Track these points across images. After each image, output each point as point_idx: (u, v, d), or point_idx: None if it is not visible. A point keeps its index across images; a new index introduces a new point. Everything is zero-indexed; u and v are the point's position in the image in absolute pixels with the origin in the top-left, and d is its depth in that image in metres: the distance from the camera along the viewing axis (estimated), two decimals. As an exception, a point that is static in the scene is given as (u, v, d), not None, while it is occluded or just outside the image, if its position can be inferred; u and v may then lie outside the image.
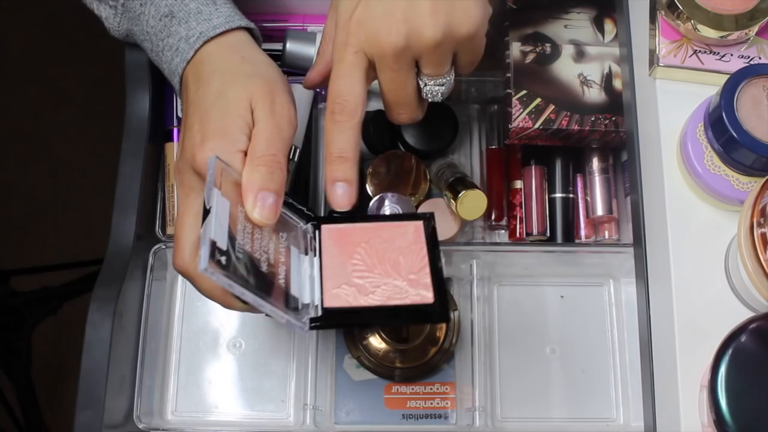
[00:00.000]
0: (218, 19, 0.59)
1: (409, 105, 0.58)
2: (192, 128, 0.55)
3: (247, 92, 0.55)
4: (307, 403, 0.68)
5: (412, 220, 0.58)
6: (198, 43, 0.58)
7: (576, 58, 0.70)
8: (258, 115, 0.54)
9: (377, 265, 0.55)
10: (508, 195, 0.74)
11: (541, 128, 0.68)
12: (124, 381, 0.65)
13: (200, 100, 0.56)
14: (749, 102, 0.55)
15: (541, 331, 0.72)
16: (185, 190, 0.55)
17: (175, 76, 0.60)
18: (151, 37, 0.61)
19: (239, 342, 0.71)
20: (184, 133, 0.56)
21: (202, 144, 0.53)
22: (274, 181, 0.52)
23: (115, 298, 0.61)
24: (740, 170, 0.57)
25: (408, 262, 0.55)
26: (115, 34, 0.64)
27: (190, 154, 0.54)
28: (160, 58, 0.61)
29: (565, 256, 0.72)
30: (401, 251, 0.56)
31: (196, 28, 0.58)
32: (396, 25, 0.53)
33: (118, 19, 0.63)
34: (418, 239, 0.56)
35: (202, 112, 0.55)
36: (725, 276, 0.59)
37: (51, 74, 1.65)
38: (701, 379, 0.55)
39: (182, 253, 0.54)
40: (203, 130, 0.54)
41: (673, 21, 0.61)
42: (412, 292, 0.54)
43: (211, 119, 0.54)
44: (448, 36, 0.53)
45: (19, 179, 1.60)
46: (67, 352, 1.34)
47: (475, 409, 0.68)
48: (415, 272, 0.55)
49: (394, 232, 0.57)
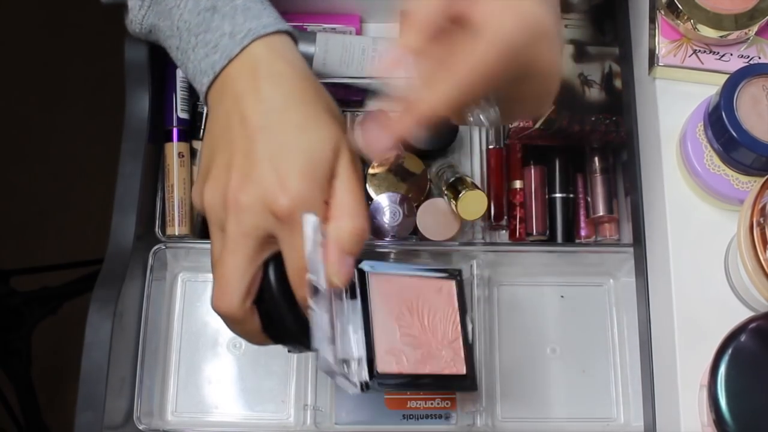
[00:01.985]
0: (268, 18, 0.53)
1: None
2: (255, 152, 0.49)
3: (334, 139, 0.50)
4: (308, 403, 0.68)
5: (445, 278, 0.62)
6: (247, 40, 0.52)
7: (576, 58, 0.70)
8: (343, 166, 0.50)
9: (418, 327, 0.59)
10: (508, 195, 0.74)
11: (541, 128, 0.68)
12: (124, 382, 0.65)
13: (257, 115, 0.50)
14: (749, 101, 0.55)
15: (541, 331, 0.72)
16: (241, 230, 0.49)
17: (205, 75, 0.53)
18: (181, 33, 0.55)
19: (239, 342, 0.71)
20: (231, 149, 0.50)
21: (285, 185, 0.47)
22: (358, 246, 0.49)
23: (115, 299, 0.61)
24: (740, 170, 0.57)
25: (444, 327, 0.60)
26: (135, 29, 0.59)
27: (268, 193, 0.48)
28: (188, 56, 0.55)
29: (565, 256, 0.72)
30: (437, 312, 0.61)
31: (244, 24, 0.52)
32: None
33: (143, 12, 0.58)
34: (451, 302, 0.62)
35: (265, 133, 0.49)
36: (725, 276, 0.59)
37: (51, 74, 1.65)
38: (701, 378, 0.55)
39: (230, 298, 0.50)
40: (280, 167, 0.48)
41: (673, 21, 0.61)
42: (450, 362, 0.60)
43: (290, 154, 0.48)
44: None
45: (19, 179, 1.60)
46: (67, 353, 1.34)
47: (476, 409, 0.68)
48: (450, 341, 0.60)
49: (430, 289, 0.61)
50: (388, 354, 0.55)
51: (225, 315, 0.51)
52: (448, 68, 0.45)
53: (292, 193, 0.47)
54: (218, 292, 0.50)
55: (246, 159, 0.49)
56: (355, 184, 0.50)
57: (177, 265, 0.72)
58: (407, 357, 0.57)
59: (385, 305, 0.57)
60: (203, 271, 0.73)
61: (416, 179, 0.73)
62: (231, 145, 0.50)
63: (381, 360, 0.55)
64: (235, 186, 0.48)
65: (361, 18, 0.77)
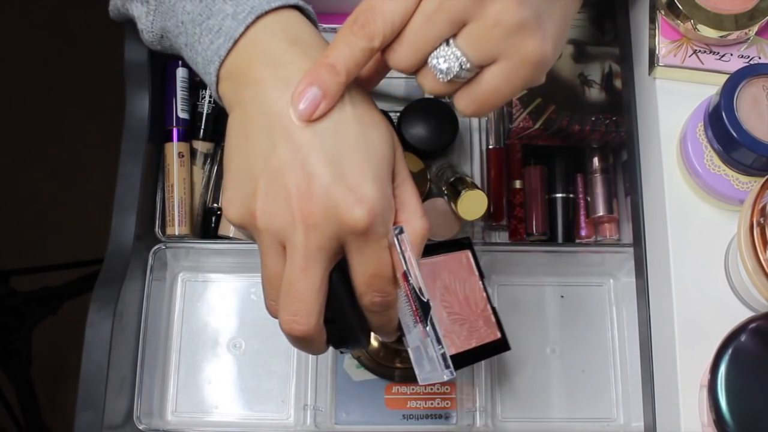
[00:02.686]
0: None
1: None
2: (312, 155, 0.44)
3: (390, 131, 0.46)
4: (307, 403, 0.68)
5: (458, 249, 0.63)
6: (250, 18, 0.47)
7: (576, 58, 0.70)
8: (400, 162, 0.47)
9: (456, 303, 0.61)
10: (508, 195, 0.74)
11: (541, 128, 0.68)
12: (124, 382, 0.65)
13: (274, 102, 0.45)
14: (749, 101, 0.55)
15: (541, 331, 0.72)
16: (316, 245, 0.44)
17: (211, 64, 0.49)
18: (186, 27, 0.51)
19: (239, 342, 0.71)
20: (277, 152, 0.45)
21: (359, 195, 0.44)
22: (424, 245, 0.48)
23: (115, 299, 0.61)
24: (740, 170, 0.57)
25: (473, 297, 0.62)
26: (148, 38, 0.55)
27: (342, 204, 0.44)
28: (196, 50, 0.50)
29: (565, 256, 0.72)
30: (465, 284, 0.62)
31: (246, 3, 0.48)
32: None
33: (151, 18, 0.54)
34: (472, 270, 0.63)
35: (317, 131, 0.45)
36: (725, 276, 0.59)
37: (51, 74, 1.65)
38: (701, 378, 0.55)
39: (308, 320, 0.46)
40: (348, 172, 0.44)
41: (673, 21, 0.61)
42: (486, 330, 0.61)
43: (355, 156, 0.44)
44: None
45: (19, 179, 1.60)
46: (67, 352, 1.34)
47: (476, 409, 0.68)
48: (482, 309, 0.62)
49: (454, 263, 0.62)
50: (444, 338, 0.55)
51: (303, 337, 0.47)
52: None
53: (369, 202, 0.44)
54: (291, 315, 0.46)
55: (304, 160, 0.44)
56: (411, 182, 0.48)
57: (177, 265, 0.72)
58: (457, 336, 0.59)
59: (429, 290, 0.56)
60: (203, 271, 0.73)
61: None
62: (279, 143, 0.45)
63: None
64: (299, 194, 0.44)
65: (361, 18, 0.77)
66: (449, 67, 0.45)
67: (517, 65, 0.45)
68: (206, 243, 0.71)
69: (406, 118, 0.72)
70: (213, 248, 0.71)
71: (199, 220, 0.73)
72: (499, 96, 0.47)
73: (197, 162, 0.72)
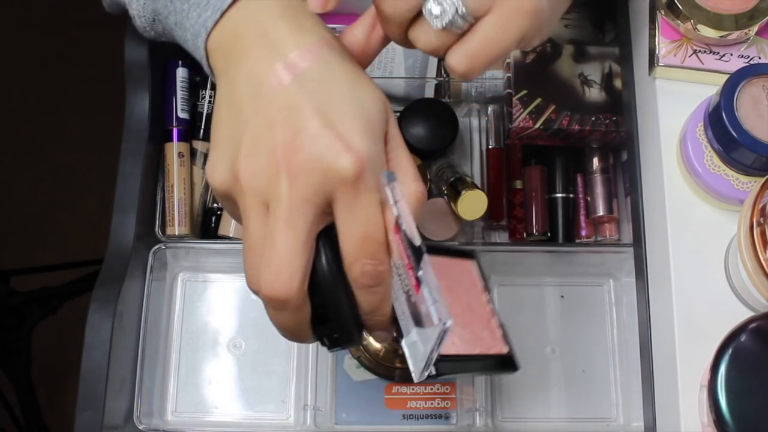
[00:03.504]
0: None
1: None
2: (302, 105, 0.42)
3: (383, 97, 0.46)
4: (307, 403, 0.68)
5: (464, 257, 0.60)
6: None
7: (576, 58, 0.70)
8: (393, 127, 0.46)
9: (458, 308, 0.57)
10: (508, 195, 0.74)
11: (541, 128, 0.68)
12: (124, 382, 0.65)
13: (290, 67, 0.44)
14: (749, 101, 0.55)
15: (541, 331, 0.72)
16: (300, 195, 0.42)
17: (198, 37, 0.48)
18: (174, 5, 0.49)
19: (239, 342, 0.71)
20: (267, 107, 0.43)
21: (348, 143, 0.42)
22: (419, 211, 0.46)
23: (115, 299, 0.61)
24: (740, 170, 0.57)
25: (477, 307, 0.58)
26: (141, 24, 0.54)
27: (329, 151, 0.42)
28: (185, 28, 0.49)
29: (565, 256, 0.72)
30: (469, 293, 0.59)
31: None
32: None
33: (142, 2, 0.53)
34: (475, 281, 0.60)
35: (309, 83, 0.44)
36: (725, 276, 0.59)
37: (51, 74, 1.65)
38: (701, 379, 0.55)
39: (290, 278, 0.43)
40: (337, 121, 0.43)
41: (673, 21, 0.61)
42: (491, 341, 0.57)
43: (346, 108, 0.43)
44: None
45: (19, 179, 1.60)
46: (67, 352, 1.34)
47: (476, 409, 0.68)
48: (487, 320, 0.58)
49: (458, 270, 0.59)
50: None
51: (282, 300, 0.43)
52: None
53: (358, 151, 0.42)
54: (272, 274, 0.43)
55: (292, 114, 0.42)
56: (405, 147, 0.46)
57: (177, 265, 0.72)
58: (459, 338, 0.55)
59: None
60: (203, 271, 0.73)
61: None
62: (267, 103, 0.43)
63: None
64: (285, 146, 0.42)
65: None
66: (443, 9, 0.44)
67: (513, 14, 0.44)
68: (206, 243, 0.71)
69: (406, 118, 0.72)
70: (213, 248, 0.71)
71: (199, 220, 0.73)
72: (494, 48, 0.45)
73: (197, 162, 0.72)
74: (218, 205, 0.73)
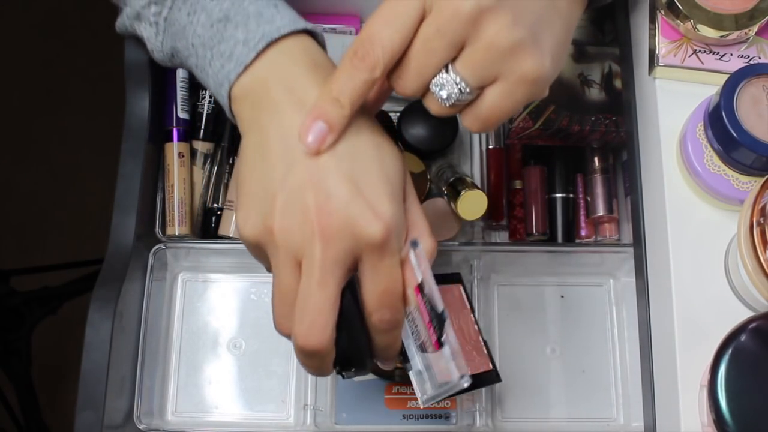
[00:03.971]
0: (282, 20, 0.50)
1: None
2: (331, 171, 0.45)
3: (400, 159, 0.48)
4: (307, 403, 0.68)
5: (451, 282, 0.62)
6: (261, 45, 0.48)
7: (576, 58, 0.70)
8: (409, 183, 0.49)
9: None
10: (508, 195, 0.74)
11: (541, 128, 0.68)
12: (124, 381, 0.65)
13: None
14: (749, 101, 0.55)
15: (541, 331, 0.72)
16: (332, 258, 0.45)
17: (222, 87, 0.50)
18: (197, 50, 0.52)
19: (239, 342, 0.71)
20: (296, 169, 0.46)
21: (377, 210, 0.45)
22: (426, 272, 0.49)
23: (115, 299, 0.61)
24: (740, 170, 0.57)
25: (466, 328, 0.61)
26: (159, 57, 0.56)
27: (360, 219, 0.45)
28: (206, 72, 0.51)
29: (565, 256, 0.72)
30: (459, 316, 0.61)
31: (257, 30, 0.49)
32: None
33: (161, 38, 0.54)
34: (464, 304, 0.62)
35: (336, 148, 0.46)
36: (725, 276, 0.59)
37: (51, 74, 1.65)
38: (701, 378, 0.55)
39: (323, 333, 0.46)
40: (366, 188, 0.46)
41: (673, 21, 0.61)
42: (478, 360, 0.60)
43: (372, 174, 0.46)
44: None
45: (19, 179, 1.60)
46: (67, 352, 1.34)
47: (476, 409, 0.68)
48: (474, 340, 0.61)
49: (447, 295, 0.60)
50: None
51: (316, 351, 0.47)
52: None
53: (386, 217, 0.45)
54: (306, 329, 0.46)
55: (324, 178, 0.46)
56: (419, 201, 0.50)
57: (177, 265, 0.72)
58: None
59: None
60: (203, 271, 0.73)
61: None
62: (299, 162, 0.46)
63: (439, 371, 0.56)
64: (318, 208, 0.45)
65: (361, 18, 0.77)
66: (449, 93, 0.47)
67: (516, 84, 0.46)
68: (206, 243, 0.71)
69: (406, 118, 0.72)
70: (213, 248, 0.71)
71: (199, 220, 0.73)
72: (502, 113, 0.48)
73: (197, 162, 0.72)
74: (218, 205, 0.73)
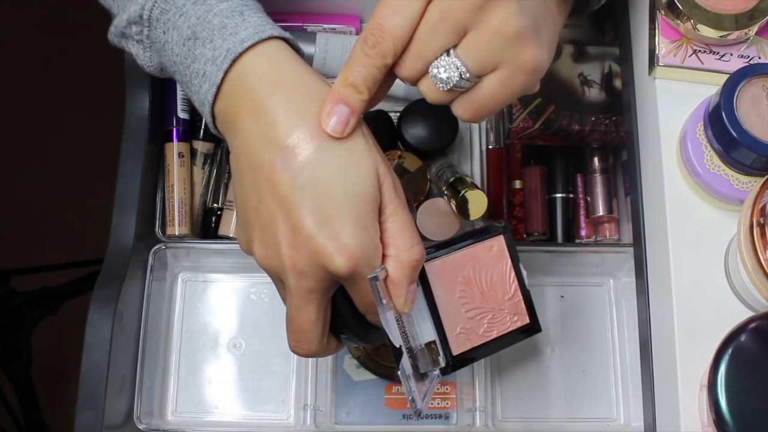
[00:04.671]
0: (246, 31, 0.48)
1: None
2: (295, 206, 0.46)
3: (372, 166, 0.48)
4: (307, 403, 0.68)
5: (492, 235, 0.61)
6: (226, 63, 0.48)
7: (576, 58, 0.70)
8: (387, 194, 0.48)
9: (478, 295, 0.59)
10: (508, 195, 0.74)
11: (541, 128, 0.68)
12: (124, 381, 0.65)
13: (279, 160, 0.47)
14: (749, 101, 0.55)
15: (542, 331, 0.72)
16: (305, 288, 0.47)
17: (204, 107, 0.50)
18: (177, 67, 0.51)
19: (239, 342, 0.71)
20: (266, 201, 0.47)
21: (340, 243, 0.45)
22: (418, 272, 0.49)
23: (115, 299, 0.61)
24: (740, 170, 0.57)
25: (501, 283, 0.60)
26: (150, 71, 0.55)
27: (324, 255, 0.46)
28: (190, 89, 0.51)
29: (565, 256, 0.72)
30: (492, 270, 0.60)
31: (222, 45, 0.48)
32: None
33: (148, 54, 0.53)
34: (504, 256, 0.61)
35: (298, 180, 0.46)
36: (725, 276, 0.59)
37: (51, 74, 1.65)
38: (701, 378, 0.55)
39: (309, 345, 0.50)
40: (328, 220, 0.46)
41: (673, 21, 0.61)
42: (513, 317, 0.60)
43: (335, 202, 0.46)
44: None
45: (20, 179, 1.60)
46: (67, 352, 1.34)
47: (476, 409, 0.68)
48: (510, 295, 0.60)
49: (482, 253, 0.60)
50: (459, 335, 0.57)
51: (307, 356, 0.52)
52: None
53: (350, 250, 0.46)
54: (295, 341, 0.50)
55: (289, 211, 0.46)
56: (402, 212, 0.48)
57: (177, 265, 0.72)
58: (475, 330, 0.58)
59: (445, 287, 0.58)
60: (203, 271, 0.73)
61: (416, 179, 0.73)
62: (266, 196, 0.47)
63: (453, 343, 0.57)
64: (287, 244, 0.46)
65: (361, 18, 0.77)
66: (449, 76, 0.47)
67: (515, 73, 0.47)
68: (206, 243, 0.71)
69: (406, 118, 0.72)
70: (213, 248, 0.71)
71: (199, 220, 0.73)
72: (496, 102, 0.48)
73: (197, 162, 0.72)
74: (218, 205, 0.73)
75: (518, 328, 0.60)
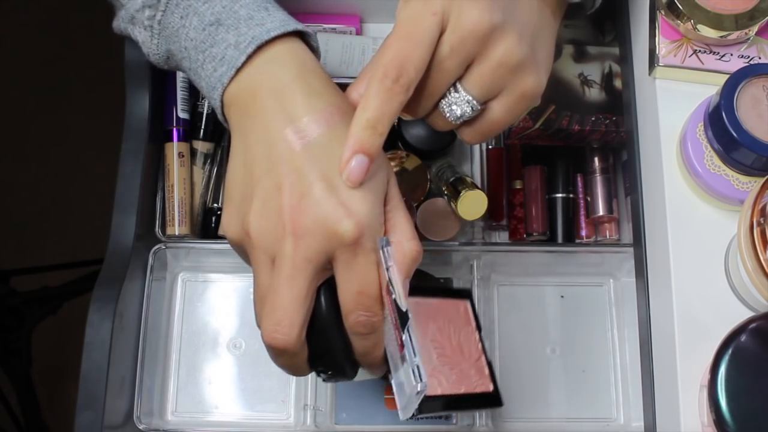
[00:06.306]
0: (272, 23, 0.50)
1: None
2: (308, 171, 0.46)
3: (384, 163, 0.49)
4: (307, 403, 0.68)
5: (458, 297, 0.61)
6: (251, 48, 0.49)
7: (576, 58, 0.70)
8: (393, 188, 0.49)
9: (448, 348, 0.58)
10: (508, 195, 0.74)
11: (541, 128, 0.68)
12: (124, 381, 0.65)
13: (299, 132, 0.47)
14: (749, 101, 0.55)
15: (541, 331, 0.72)
16: (303, 255, 0.46)
17: (214, 90, 0.50)
18: (189, 53, 0.52)
19: (239, 342, 0.71)
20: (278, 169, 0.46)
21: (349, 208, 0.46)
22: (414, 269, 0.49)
23: (115, 299, 0.61)
24: (740, 170, 0.57)
25: (468, 346, 0.60)
26: (155, 60, 0.55)
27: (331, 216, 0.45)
28: (198, 75, 0.52)
29: (565, 256, 0.72)
30: (460, 330, 0.60)
31: (248, 33, 0.49)
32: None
33: (156, 41, 0.53)
34: (469, 321, 0.61)
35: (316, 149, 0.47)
36: (725, 276, 0.59)
37: (51, 74, 1.65)
38: (701, 378, 0.55)
39: (289, 330, 0.47)
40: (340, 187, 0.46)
41: (673, 21, 0.61)
42: (478, 380, 0.59)
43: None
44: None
45: (19, 179, 1.60)
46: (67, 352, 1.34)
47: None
48: (476, 359, 0.60)
49: (451, 310, 0.60)
50: (431, 377, 0.55)
51: (282, 349, 0.48)
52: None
53: (359, 216, 0.46)
54: (273, 324, 0.47)
55: (299, 179, 0.46)
56: (403, 208, 0.49)
57: (177, 265, 0.72)
58: (445, 378, 0.57)
59: (419, 327, 0.57)
60: (203, 271, 0.73)
61: (416, 179, 0.73)
62: (277, 166, 0.47)
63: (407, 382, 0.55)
64: (291, 208, 0.46)
65: (361, 18, 0.77)
66: (463, 112, 0.49)
67: (517, 99, 0.49)
68: (206, 243, 0.71)
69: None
70: (213, 248, 0.71)
71: (199, 220, 0.73)
72: (502, 127, 0.51)
73: (197, 162, 0.72)
74: (218, 204, 0.73)
75: (482, 393, 0.59)
